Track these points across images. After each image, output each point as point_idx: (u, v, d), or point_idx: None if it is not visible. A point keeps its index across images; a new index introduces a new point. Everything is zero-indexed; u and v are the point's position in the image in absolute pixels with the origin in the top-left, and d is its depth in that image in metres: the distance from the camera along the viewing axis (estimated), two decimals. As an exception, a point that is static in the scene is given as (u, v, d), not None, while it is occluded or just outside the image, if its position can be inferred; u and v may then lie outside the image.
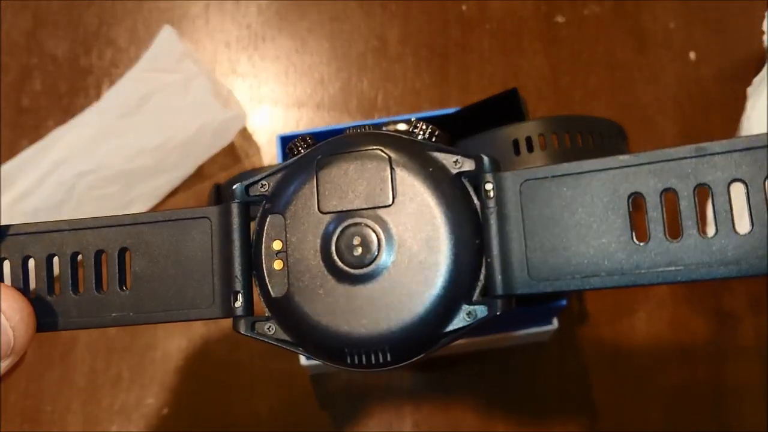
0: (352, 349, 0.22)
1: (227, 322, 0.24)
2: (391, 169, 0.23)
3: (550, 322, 0.41)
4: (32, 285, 0.24)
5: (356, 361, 0.22)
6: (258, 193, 0.25)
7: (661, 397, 0.42)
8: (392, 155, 0.23)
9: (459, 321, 0.22)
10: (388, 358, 0.22)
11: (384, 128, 0.40)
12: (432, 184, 0.23)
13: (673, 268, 0.20)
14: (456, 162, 0.23)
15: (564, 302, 0.39)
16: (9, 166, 0.49)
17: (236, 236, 0.24)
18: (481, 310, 0.22)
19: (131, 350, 0.45)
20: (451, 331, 0.22)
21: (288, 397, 0.44)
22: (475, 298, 0.22)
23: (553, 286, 0.21)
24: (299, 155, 0.25)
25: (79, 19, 0.55)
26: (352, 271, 0.22)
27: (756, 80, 0.45)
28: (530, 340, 0.43)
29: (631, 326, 0.44)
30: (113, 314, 0.24)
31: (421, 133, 0.25)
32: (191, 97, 0.49)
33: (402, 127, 0.40)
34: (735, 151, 0.20)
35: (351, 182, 0.23)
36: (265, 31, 0.54)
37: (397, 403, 0.43)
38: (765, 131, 0.39)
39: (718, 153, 0.20)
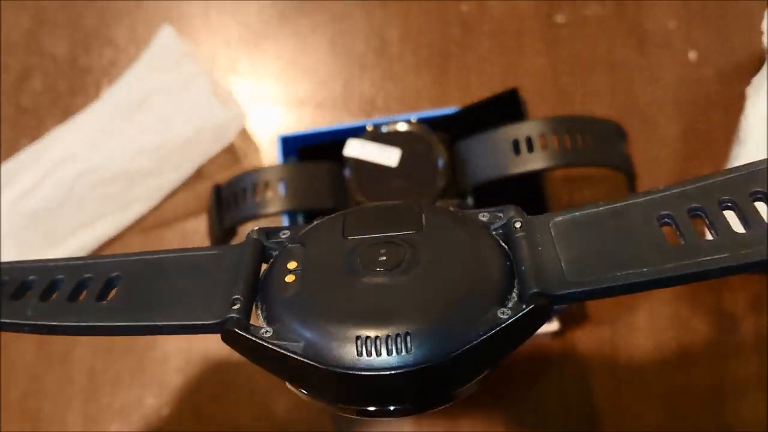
0: (365, 335, 0.20)
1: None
2: (420, 209, 0.24)
3: (550, 322, 0.41)
4: None
5: (368, 350, 0.20)
6: (278, 239, 0.24)
7: (662, 398, 0.42)
8: (421, 203, 0.24)
9: (491, 321, 0.21)
10: (410, 346, 0.20)
11: (384, 128, 0.40)
12: (460, 220, 0.23)
13: (717, 256, 0.20)
14: (483, 215, 0.24)
15: (564, 302, 0.39)
16: (9, 165, 0.49)
17: (246, 263, 0.23)
18: (514, 310, 0.21)
19: (131, 350, 0.45)
20: (481, 333, 0.21)
21: (288, 397, 0.44)
22: (510, 305, 0.22)
23: (591, 285, 0.21)
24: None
25: (79, 19, 0.55)
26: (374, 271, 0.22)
27: (755, 80, 0.45)
28: (530, 340, 0.43)
29: (631, 326, 0.44)
30: (77, 316, 0.22)
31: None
32: (191, 97, 0.49)
33: (402, 127, 0.40)
34: (755, 170, 0.22)
35: (378, 217, 0.24)
36: (265, 30, 0.54)
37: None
38: (764, 130, 0.39)
39: (737, 174, 0.22)
